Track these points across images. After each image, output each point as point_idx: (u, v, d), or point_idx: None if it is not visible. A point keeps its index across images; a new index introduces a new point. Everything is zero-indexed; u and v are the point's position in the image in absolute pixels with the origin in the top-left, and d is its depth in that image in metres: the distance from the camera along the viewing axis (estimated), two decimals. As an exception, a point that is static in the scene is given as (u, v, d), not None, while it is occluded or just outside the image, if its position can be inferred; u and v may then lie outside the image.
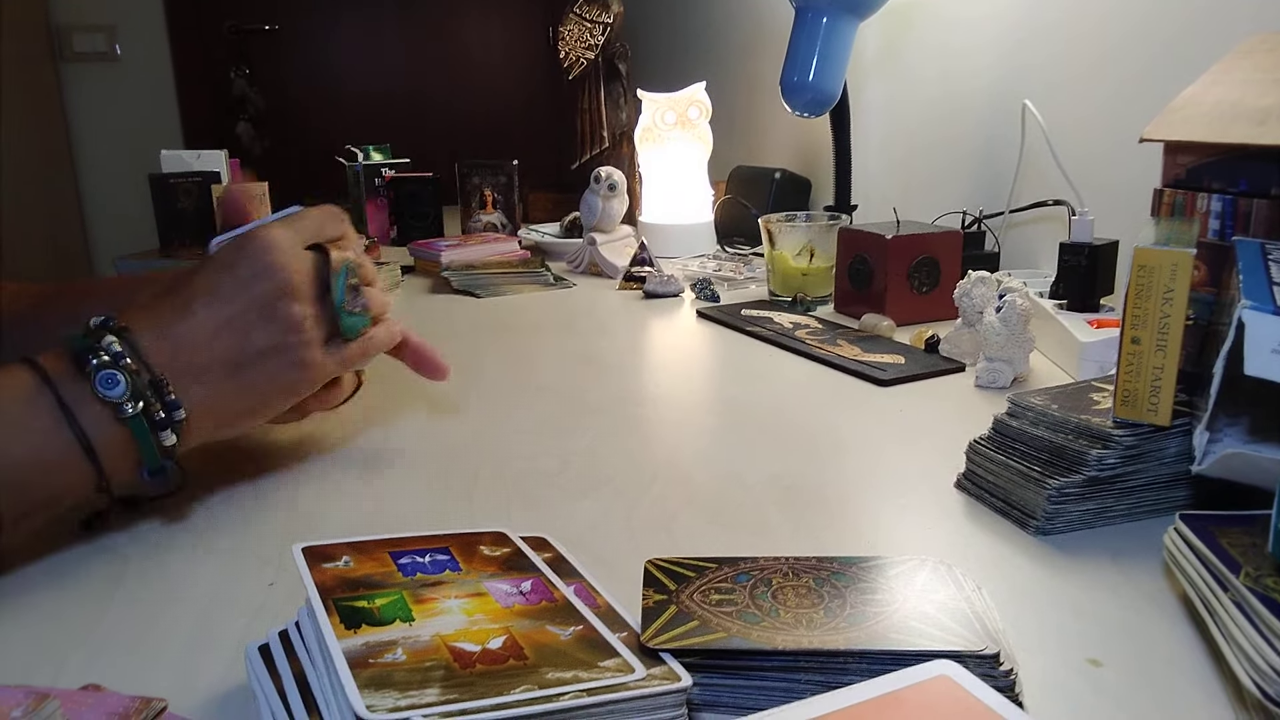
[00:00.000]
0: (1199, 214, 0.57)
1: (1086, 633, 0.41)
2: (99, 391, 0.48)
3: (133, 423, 0.48)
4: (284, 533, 0.53)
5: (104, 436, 0.48)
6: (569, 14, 1.62)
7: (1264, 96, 0.55)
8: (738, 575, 0.41)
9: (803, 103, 1.16)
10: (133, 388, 0.48)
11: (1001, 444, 0.55)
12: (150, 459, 0.50)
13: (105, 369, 0.48)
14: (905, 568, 0.41)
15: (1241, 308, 0.41)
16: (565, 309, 1.13)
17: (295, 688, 0.34)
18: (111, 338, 0.49)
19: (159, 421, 0.49)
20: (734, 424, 0.71)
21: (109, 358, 0.48)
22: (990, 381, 0.76)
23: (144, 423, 0.49)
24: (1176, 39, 0.91)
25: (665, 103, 1.45)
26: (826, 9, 1.12)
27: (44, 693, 0.30)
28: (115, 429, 0.48)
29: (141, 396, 0.49)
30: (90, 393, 0.48)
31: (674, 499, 0.57)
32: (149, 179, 1.53)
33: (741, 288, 1.20)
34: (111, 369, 0.48)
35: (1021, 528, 0.52)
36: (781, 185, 1.49)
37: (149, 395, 0.49)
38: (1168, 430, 0.50)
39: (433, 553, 0.42)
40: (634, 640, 0.35)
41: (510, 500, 0.57)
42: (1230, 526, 0.42)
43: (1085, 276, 0.83)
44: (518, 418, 0.73)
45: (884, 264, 0.96)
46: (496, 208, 1.64)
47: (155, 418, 0.49)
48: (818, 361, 0.85)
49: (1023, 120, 1.06)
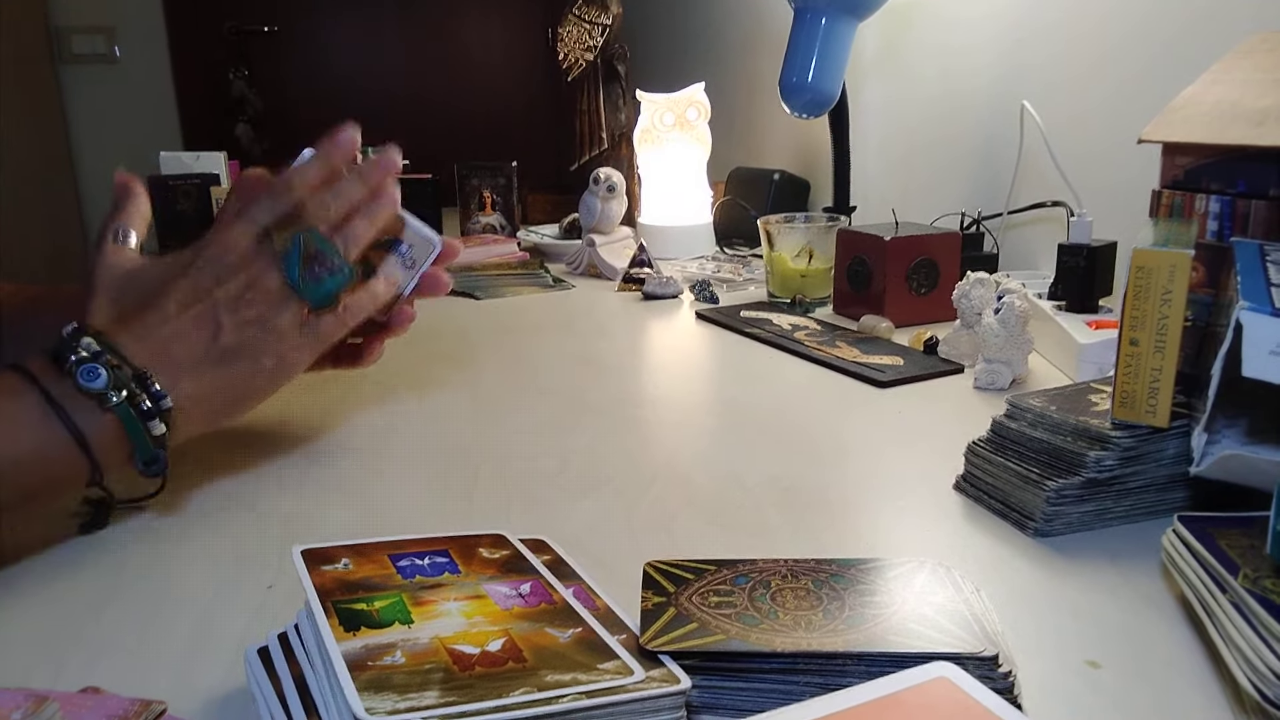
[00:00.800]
0: (1197, 215, 0.57)
1: (1085, 634, 0.42)
2: (81, 384, 0.49)
3: (119, 410, 0.50)
4: (283, 535, 0.53)
5: (95, 429, 0.49)
6: (568, 15, 1.63)
7: (1263, 97, 0.55)
8: (737, 577, 0.41)
9: (801, 104, 1.17)
10: (114, 379, 0.50)
11: (1000, 446, 0.55)
12: (143, 448, 0.51)
13: (85, 363, 0.49)
14: (904, 570, 0.41)
15: (1240, 309, 0.41)
16: (564, 310, 1.13)
17: (294, 690, 0.34)
18: (88, 339, 0.51)
19: (146, 411, 0.51)
20: (733, 425, 0.71)
21: (88, 355, 0.50)
22: (989, 383, 0.76)
23: (130, 410, 0.50)
24: (1175, 39, 0.91)
25: (664, 104, 1.45)
26: (825, 10, 1.12)
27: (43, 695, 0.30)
28: (104, 421, 0.50)
29: (124, 387, 0.50)
30: (75, 388, 0.49)
31: (673, 500, 0.57)
32: (148, 180, 1.53)
33: (740, 289, 1.20)
34: (91, 363, 0.49)
35: (1020, 529, 0.52)
36: (780, 186, 1.49)
37: (132, 386, 0.50)
38: (1166, 432, 0.50)
39: (432, 555, 0.42)
40: (633, 642, 0.35)
41: (510, 501, 0.58)
42: (1228, 528, 0.42)
43: (1084, 278, 0.83)
44: (517, 419, 0.73)
45: (883, 265, 0.96)
46: (495, 209, 1.64)
47: (142, 407, 0.50)
48: (816, 363, 0.85)
49: (1021, 121, 1.06)
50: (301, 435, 0.69)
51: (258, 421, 0.72)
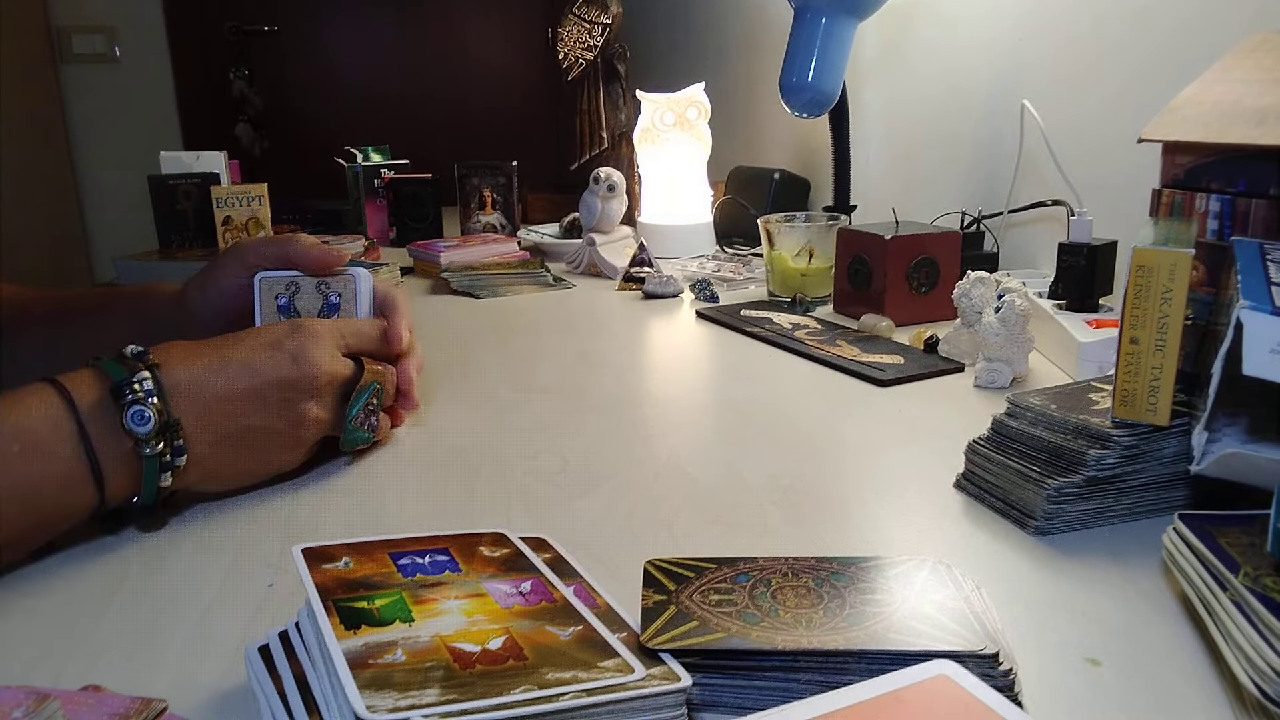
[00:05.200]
0: (1197, 214, 0.57)
1: (1085, 632, 0.42)
2: (128, 425, 0.49)
3: (148, 461, 0.50)
4: (284, 533, 0.53)
5: (113, 465, 0.49)
6: (568, 15, 1.63)
7: (1263, 97, 0.55)
8: (737, 575, 0.41)
9: (802, 103, 1.17)
10: (156, 427, 0.50)
11: (1000, 444, 0.55)
12: (149, 495, 0.51)
13: (138, 404, 0.49)
14: (904, 568, 0.41)
15: (1240, 308, 0.41)
16: (564, 310, 1.13)
17: (295, 688, 0.34)
18: (145, 373, 0.50)
19: (164, 463, 0.51)
20: (733, 424, 0.71)
21: (141, 394, 0.50)
22: (989, 382, 0.76)
23: (156, 461, 0.50)
24: (1175, 39, 0.91)
25: (664, 103, 1.45)
26: (825, 9, 1.12)
27: (44, 693, 0.30)
28: (127, 461, 0.50)
29: (161, 436, 0.50)
30: (119, 424, 0.49)
31: (674, 499, 0.57)
32: (148, 180, 1.53)
33: (741, 288, 1.20)
34: (142, 405, 0.49)
35: (1020, 528, 0.52)
36: (780, 186, 1.49)
37: (166, 437, 0.51)
38: (1166, 430, 0.50)
39: (432, 553, 0.42)
40: (633, 640, 0.35)
41: (510, 500, 0.58)
42: (1229, 526, 0.42)
43: (1084, 277, 0.83)
44: (518, 418, 0.73)
45: (883, 264, 0.96)
46: (496, 208, 1.64)
47: (163, 459, 0.51)
48: (817, 362, 0.85)
49: (1021, 120, 1.06)
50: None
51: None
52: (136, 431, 0.49)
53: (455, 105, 3.50)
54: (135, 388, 0.50)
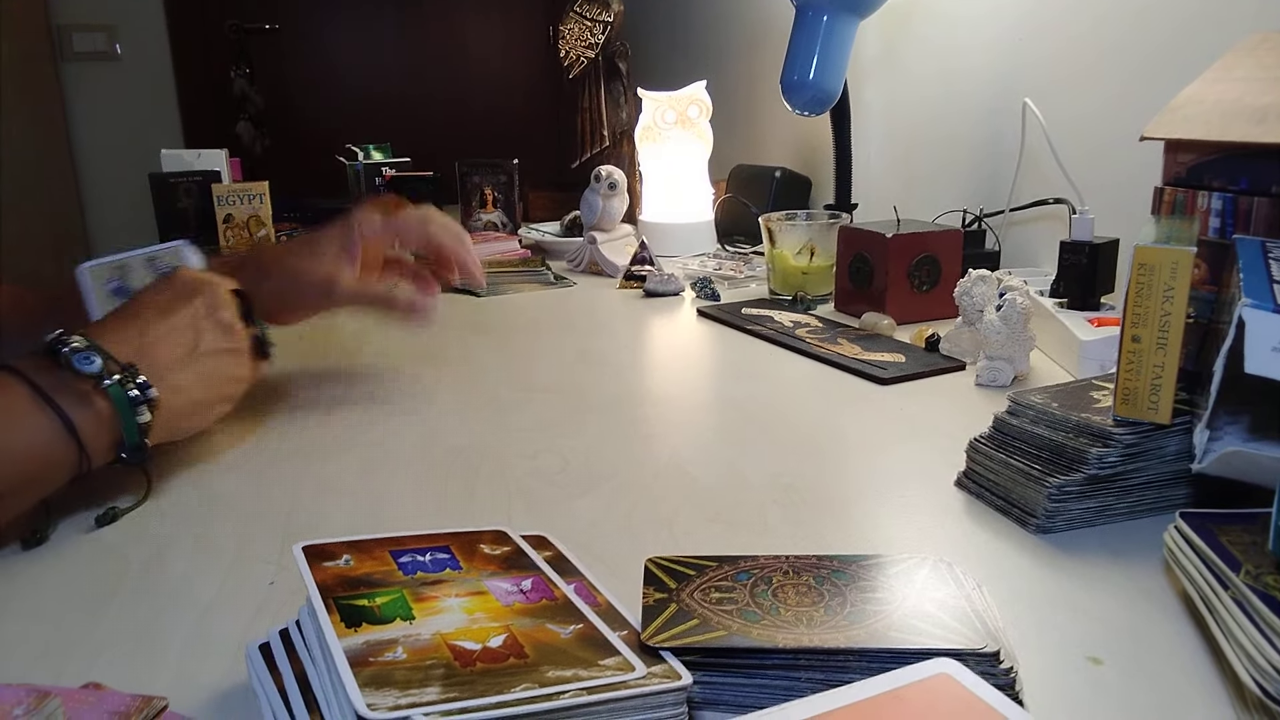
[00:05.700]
0: (1199, 212, 0.57)
1: (1087, 630, 0.42)
2: (77, 368, 0.51)
3: (112, 390, 0.52)
4: (284, 532, 0.53)
5: (83, 416, 0.51)
6: (569, 13, 1.62)
7: (1264, 95, 0.55)
8: (738, 573, 0.41)
9: (803, 101, 1.16)
10: (107, 366, 0.52)
11: (1002, 442, 0.55)
12: (130, 432, 0.53)
13: (78, 352, 0.52)
14: (905, 566, 0.41)
15: (1242, 306, 0.41)
16: (565, 308, 1.13)
17: (296, 686, 0.34)
18: (75, 338, 0.53)
19: (133, 398, 0.53)
20: (734, 422, 0.71)
21: (81, 345, 0.52)
22: (990, 380, 0.76)
23: (122, 391, 0.53)
24: (1176, 37, 0.91)
25: (665, 101, 1.44)
26: (827, 7, 1.12)
27: (45, 691, 0.30)
28: (93, 408, 0.52)
29: (116, 372, 0.53)
30: (70, 375, 0.51)
31: (674, 497, 0.57)
32: (149, 178, 1.53)
33: (742, 286, 1.20)
34: (84, 351, 0.52)
35: (1022, 526, 0.52)
36: (782, 184, 1.48)
37: (123, 375, 0.53)
38: (1168, 428, 0.50)
39: (433, 551, 0.42)
40: (634, 638, 0.35)
41: (511, 499, 0.57)
42: (1230, 524, 0.42)
43: (1085, 275, 0.83)
44: (518, 417, 0.73)
45: (884, 262, 0.96)
46: (497, 206, 1.64)
47: (130, 394, 0.53)
48: (818, 360, 0.85)
49: (1023, 119, 1.06)
50: (302, 432, 0.70)
51: (259, 419, 0.72)
52: (86, 370, 0.52)
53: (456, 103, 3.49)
54: (69, 342, 0.52)
